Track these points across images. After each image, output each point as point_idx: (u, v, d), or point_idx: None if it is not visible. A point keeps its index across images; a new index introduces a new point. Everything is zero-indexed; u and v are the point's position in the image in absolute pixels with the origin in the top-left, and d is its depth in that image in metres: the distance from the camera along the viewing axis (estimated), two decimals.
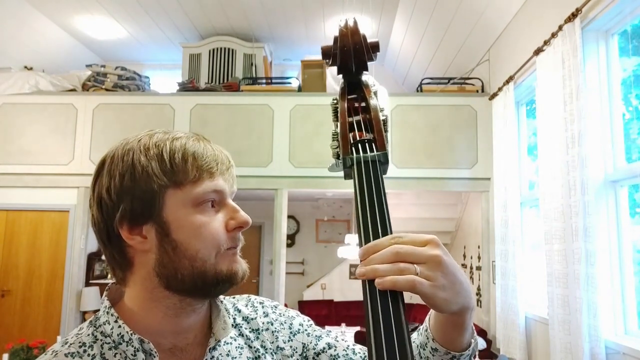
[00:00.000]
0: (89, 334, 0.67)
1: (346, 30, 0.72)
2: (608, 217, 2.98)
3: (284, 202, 5.25)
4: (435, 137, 5.18)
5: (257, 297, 0.85)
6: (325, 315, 7.43)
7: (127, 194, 0.65)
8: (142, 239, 0.66)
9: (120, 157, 0.67)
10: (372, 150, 0.66)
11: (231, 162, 0.72)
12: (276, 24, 6.60)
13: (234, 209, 0.69)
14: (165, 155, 0.66)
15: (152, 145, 0.67)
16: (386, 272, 0.55)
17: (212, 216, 0.67)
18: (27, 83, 5.54)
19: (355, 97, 0.74)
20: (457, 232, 7.02)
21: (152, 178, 0.65)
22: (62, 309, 5.28)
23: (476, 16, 4.90)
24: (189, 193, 0.66)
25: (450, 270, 0.58)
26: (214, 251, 0.66)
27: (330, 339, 0.81)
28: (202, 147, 0.68)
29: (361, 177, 0.64)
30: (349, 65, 0.73)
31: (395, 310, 0.55)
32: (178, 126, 5.31)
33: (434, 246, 0.58)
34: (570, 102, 3.05)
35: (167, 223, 0.66)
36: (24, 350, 3.59)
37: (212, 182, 0.67)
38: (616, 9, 2.91)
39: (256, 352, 0.76)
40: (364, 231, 0.60)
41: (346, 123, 0.70)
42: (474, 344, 0.71)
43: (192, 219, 0.66)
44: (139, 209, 0.65)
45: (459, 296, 0.59)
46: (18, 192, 5.38)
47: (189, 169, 0.66)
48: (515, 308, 4.04)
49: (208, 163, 0.68)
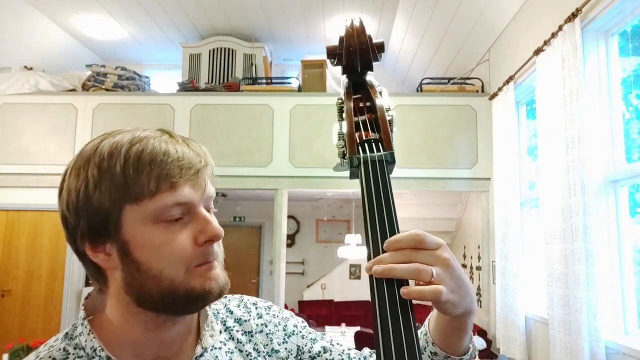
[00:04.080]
0: (61, 348, 0.64)
1: (352, 30, 0.72)
2: (608, 217, 2.98)
3: (284, 202, 5.25)
4: (435, 137, 5.17)
5: (250, 298, 0.83)
6: (325, 315, 7.43)
7: (84, 211, 0.60)
8: (106, 257, 0.61)
9: (76, 169, 0.62)
10: (379, 150, 0.66)
11: (204, 161, 0.64)
12: (276, 24, 6.60)
13: (205, 220, 0.62)
14: (117, 168, 0.59)
15: (107, 155, 0.60)
16: (404, 274, 0.55)
17: (176, 232, 0.60)
18: (27, 83, 5.54)
19: (361, 96, 0.74)
20: (457, 232, 7.02)
21: (104, 195, 0.59)
22: (62, 309, 5.28)
23: (476, 16, 4.90)
24: (147, 208, 0.59)
25: (458, 274, 0.59)
26: (182, 268, 0.60)
27: (326, 342, 0.80)
28: (164, 152, 0.60)
29: (368, 176, 0.64)
30: (354, 65, 0.73)
31: (404, 311, 0.55)
32: (178, 126, 5.32)
33: (445, 249, 0.59)
34: (570, 102, 3.05)
35: (127, 242, 0.60)
36: (24, 350, 3.59)
37: (173, 195, 0.60)
38: (616, 9, 2.90)
39: (247, 356, 0.74)
40: (372, 231, 0.60)
41: (352, 123, 0.70)
42: (472, 349, 0.71)
43: (151, 236, 0.59)
44: (96, 228, 0.60)
45: (465, 300, 0.60)
46: (18, 192, 5.38)
47: (143, 181, 0.59)
48: (515, 308, 4.04)
49: (168, 171, 0.59)
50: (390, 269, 0.55)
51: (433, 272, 0.56)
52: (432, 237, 0.58)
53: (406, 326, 0.54)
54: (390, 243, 0.57)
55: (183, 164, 0.61)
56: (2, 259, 5.40)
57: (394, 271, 0.55)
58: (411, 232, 0.58)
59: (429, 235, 0.58)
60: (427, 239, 0.57)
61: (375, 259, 0.57)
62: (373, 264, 0.57)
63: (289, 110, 5.34)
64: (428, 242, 0.57)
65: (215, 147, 5.15)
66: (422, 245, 0.57)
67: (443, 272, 0.57)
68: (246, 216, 8.62)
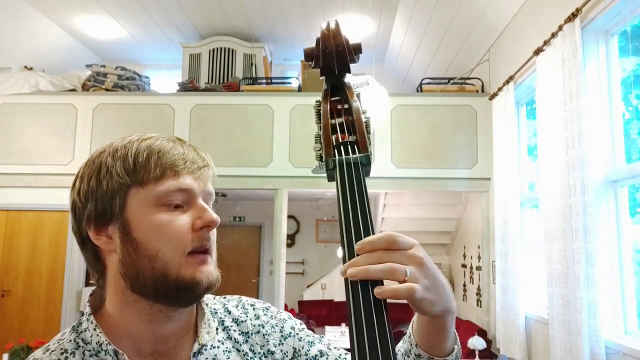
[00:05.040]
0: (71, 339, 0.67)
1: (328, 32, 0.72)
2: (608, 217, 2.98)
3: (284, 202, 5.25)
4: (435, 137, 5.18)
5: (248, 299, 0.84)
6: (325, 315, 7.43)
7: (93, 194, 0.66)
8: (108, 240, 0.66)
9: (92, 160, 0.69)
10: (355, 153, 0.66)
11: (207, 162, 0.70)
12: (276, 24, 6.60)
13: (202, 208, 0.67)
14: (129, 155, 0.66)
15: (122, 146, 0.68)
16: (378, 274, 0.56)
17: (176, 215, 0.66)
18: (27, 83, 5.54)
19: (338, 99, 0.74)
20: (457, 232, 7.02)
21: (114, 177, 0.65)
22: (62, 309, 5.28)
23: (476, 16, 4.90)
24: (151, 191, 0.65)
25: (432, 272, 0.59)
26: (177, 253, 0.64)
27: (323, 346, 0.80)
28: (171, 147, 0.68)
29: (343, 179, 0.64)
30: (331, 67, 0.72)
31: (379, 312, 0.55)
32: (178, 126, 5.32)
33: (418, 248, 0.59)
34: (570, 102, 3.05)
35: (129, 222, 0.65)
36: (24, 350, 3.59)
37: (177, 181, 0.66)
38: (616, 9, 2.90)
39: (245, 355, 0.74)
40: (347, 233, 0.60)
41: (329, 125, 0.70)
42: (457, 349, 0.71)
43: (152, 218, 0.65)
44: (102, 209, 0.66)
45: (441, 298, 0.60)
46: (18, 192, 5.38)
47: (151, 167, 0.66)
48: (515, 308, 4.04)
49: (173, 161, 0.66)
50: (365, 270, 0.56)
51: (407, 271, 0.56)
52: (405, 238, 0.59)
53: (380, 327, 0.54)
54: (363, 245, 0.57)
55: (187, 158, 0.68)
56: (2, 259, 5.40)
57: (368, 272, 0.55)
58: (384, 234, 0.58)
59: (402, 235, 0.58)
60: (400, 239, 0.58)
61: (350, 262, 0.57)
62: (347, 267, 0.57)
63: (289, 110, 5.34)
64: (401, 242, 0.58)
65: (215, 147, 5.15)
66: (395, 246, 0.57)
67: (417, 270, 0.57)
68: (246, 216, 8.61)
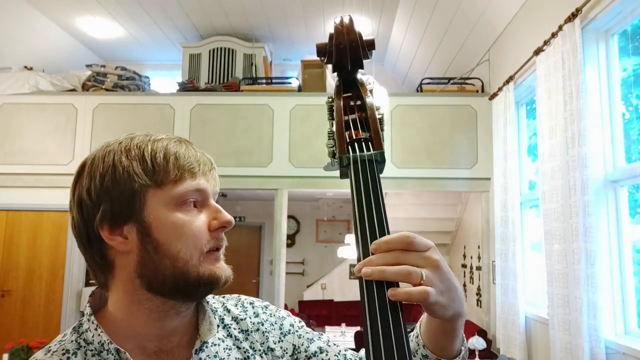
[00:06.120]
0: (73, 340, 0.67)
1: (342, 28, 0.71)
2: (608, 217, 2.98)
3: (284, 202, 5.25)
4: (435, 137, 5.17)
5: (247, 297, 0.84)
6: (325, 315, 7.43)
7: (108, 194, 0.65)
8: (123, 240, 0.66)
9: (101, 158, 0.67)
10: (369, 149, 0.65)
11: (214, 164, 0.73)
12: (276, 24, 6.60)
13: (217, 209, 0.69)
14: (146, 155, 0.66)
15: (134, 146, 0.67)
16: (394, 276, 0.55)
17: (194, 216, 0.67)
18: (27, 83, 5.54)
19: (351, 95, 0.73)
20: (457, 232, 7.02)
21: (132, 178, 0.65)
22: (62, 309, 5.28)
23: (476, 16, 4.90)
24: (170, 192, 0.66)
25: (447, 276, 0.59)
26: (196, 252, 0.66)
27: (322, 342, 0.81)
28: (184, 149, 0.69)
29: (358, 176, 0.63)
30: (344, 63, 0.71)
31: (395, 313, 0.55)
32: (178, 126, 5.32)
33: (434, 251, 0.58)
34: (570, 102, 3.05)
35: (148, 223, 0.65)
36: (24, 350, 3.59)
37: (194, 182, 0.67)
38: (616, 9, 2.90)
39: (245, 352, 0.75)
40: (361, 231, 0.59)
41: (342, 121, 0.69)
42: (464, 351, 0.71)
43: (173, 218, 0.66)
44: (120, 209, 0.65)
45: (454, 302, 0.60)
46: (18, 192, 5.38)
47: (170, 168, 0.66)
48: (515, 308, 4.04)
49: (190, 163, 0.68)
50: (381, 271, 0.55)
51: (422, 274, 0.56)
52: (421, 239, 0.58)
53: (396, 328, 0.54)
54: (379, 244, 0.57)
55: (200, 161, 0.70)
56: (2, 259, 5.40)
57: (384, 274, 0.55)
58: (401, 234, 0.57)
59: (418, 236, 0.58)
60: (417, 240, 0.57)
61: (365, 261, 0.57)
62: (362, 266, 0.57)
63: (289, 110, 5.34)
64: (417, 243, 0.57)
65: (215, 147, 5.15)
66: (411, 247, 0.57)
67: (432, 274, 0.57)
68: (246, 216, 8.61)
